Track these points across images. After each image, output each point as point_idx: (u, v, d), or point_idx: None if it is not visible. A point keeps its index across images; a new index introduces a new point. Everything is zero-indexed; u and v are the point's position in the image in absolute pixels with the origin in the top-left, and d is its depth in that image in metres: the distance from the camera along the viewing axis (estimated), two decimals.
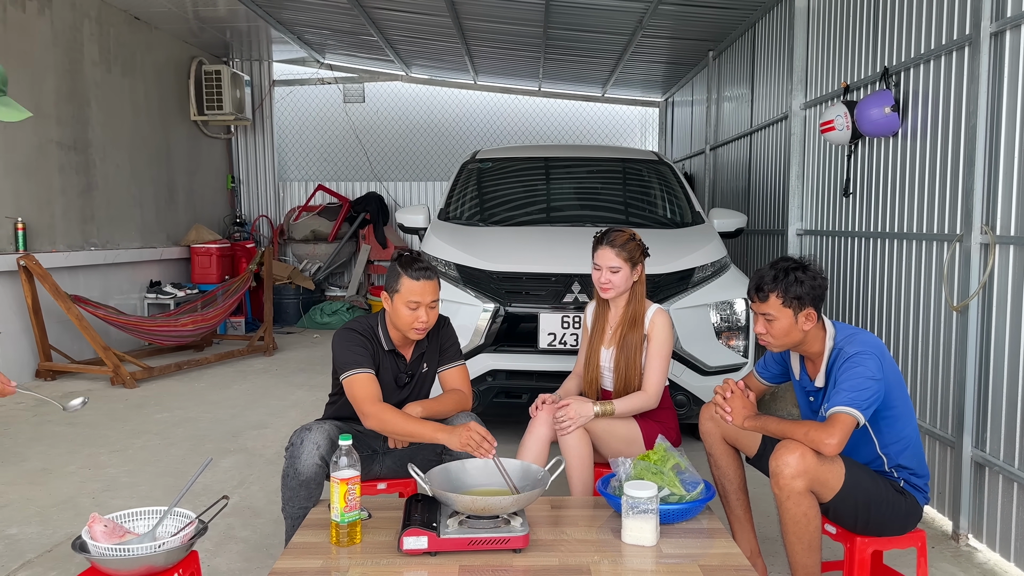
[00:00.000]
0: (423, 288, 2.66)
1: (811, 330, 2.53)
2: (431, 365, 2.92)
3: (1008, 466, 3.06)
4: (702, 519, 2.41)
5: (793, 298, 2.48)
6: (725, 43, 7.47)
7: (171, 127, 8.81)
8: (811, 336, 2.54)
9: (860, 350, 2.42)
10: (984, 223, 3.23)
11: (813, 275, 2.50)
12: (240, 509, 3.58)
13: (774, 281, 2.50)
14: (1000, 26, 3.10)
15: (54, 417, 5.22)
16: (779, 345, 2.57)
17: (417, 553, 2.11)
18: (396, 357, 2.82)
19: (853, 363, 2.39)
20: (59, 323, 6.44)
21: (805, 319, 2.50)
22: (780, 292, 2.48)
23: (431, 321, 2.71)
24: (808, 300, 2.48)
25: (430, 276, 2.68)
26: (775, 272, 2.51)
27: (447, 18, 7.44)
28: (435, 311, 2.73)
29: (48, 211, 6.67)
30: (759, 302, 2.53)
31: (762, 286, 2.52)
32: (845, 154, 4.56)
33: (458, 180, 5.56)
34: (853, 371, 2.38)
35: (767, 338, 2.57)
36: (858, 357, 2.40)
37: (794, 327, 2.51)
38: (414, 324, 2.68)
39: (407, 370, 2.85)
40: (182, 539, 2.10)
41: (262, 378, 6.56)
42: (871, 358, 2.39)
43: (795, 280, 2.48)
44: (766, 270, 2.55)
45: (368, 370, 2.68)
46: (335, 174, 11.09)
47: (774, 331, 2.53)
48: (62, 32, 6.86)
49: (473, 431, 2.44)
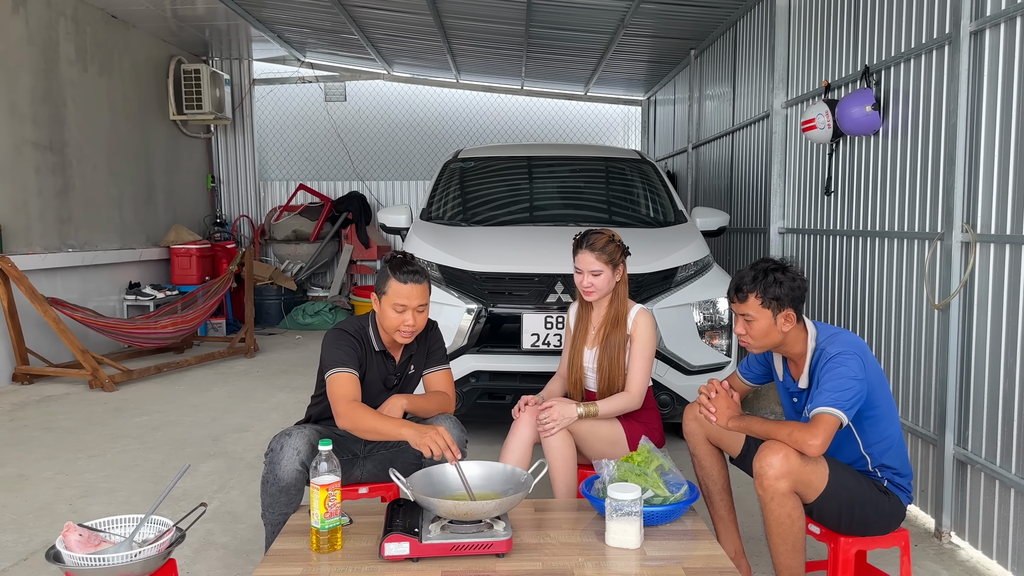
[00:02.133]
0: (410, 292, 2.64)
1: (791, 331, 2.53)
2: (418, 367, 2.91)
3: (990, 464, 3.08)
4: (686, 520, 2.41)
5: (772, 299, 2.48)
6: (707, 42, 7.49)
7: (150, 127, 8.71)
8: (791, 337, 2.54)
9: (842, 350, 2.42)
10: (965, 221, 3.24)
11: (792, 276, 2.50)
12: (220, 514, 3.53)
13: (753, 282, 2.50)
14: (980, 25, 3.11)
15: (31, 422, 5.14)
16: (759, 346, 2.57)
17: (399, 559, 2.08)
18: (386, 358, 2.81)
19: (835, 363, 2.39)
20: (36, 326, 6.35)
21: (784, 320, 2.50)
22: (759, 293, 2.49)
23: (419, 325, 2.70)
24: (787, 301, 2.48)
25: (419, 280, 2.66)
26: (754, 273, 2.52)
27: (428, 16, 7.40)
28: (424, 315, 2.71)
29: (24, 213, 6.58)
30: (738, 302, 2.54)
31: (741, 287, 2.52)
32: (826, 152, 4.57)
33: (440, 180, 5.53)
34: (835, 371, 2.38)
35: (747, 339, 2.56)
36: (840, 357, 2.40)
37: (773, 328, 2.51)
38: (400, 327, 2.66)
39: (396, 371, 2.84)
40: (159, 547, 2.06)
41: (243, 380, 6.50)
42: (853, 358, 2.39)
43: (774, 281, 2.48)
44: (746, 271, 2.55)
45: (351, 370, 2.65)
46: (317, 173, 11.02)
47: (753, 332, 2.53)
48: (37, 31, 6.76)
49: (441, 435, 2.39)
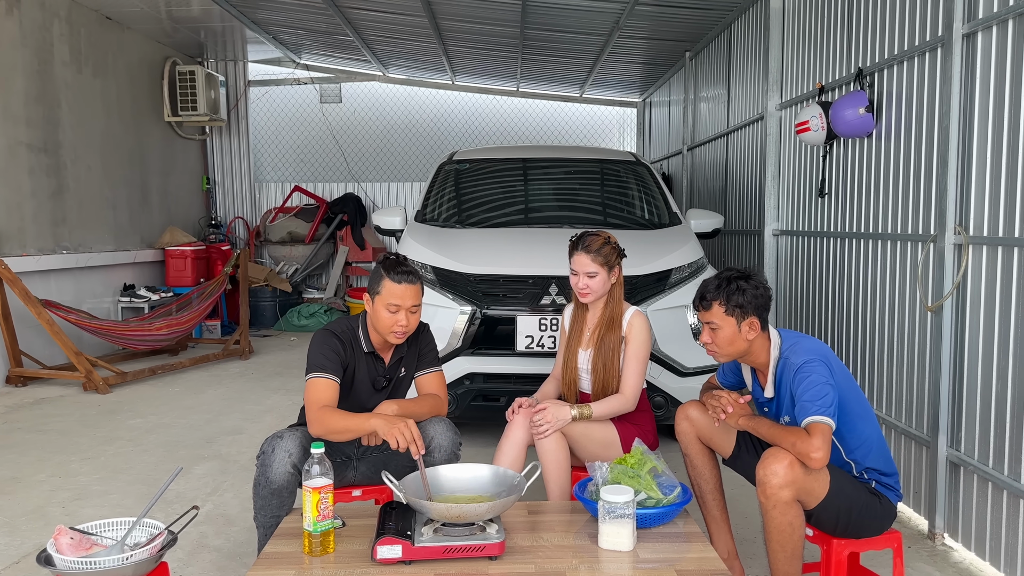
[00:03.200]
0: (404, 292, 2.64)
1: (756, 340, 2.55)
2: (409, 370, 2.90)
3: (983, 465, 3.08)
4: (679, 523, 2.41)
5: (735, 306, 2.50)
6: (702, 44, 7.50)
7: (144, 128, 8.70)
8: (757, 346, 2.57)
9: (807, 359, 2.44)
10: (958, 223, 3.25)
11: (756, 284, 2.54)
12: (213, 517, 3.52)
13: (716, 289, 2.54)
14: (972, 27, 3.12)
15: (24, 424, 5.13)
16: (725, 355, 2.59)
17: (391, 562, 2.08)
18: (375, 360, 2.80)
19: (804, 373, 2.41)
20: (30, 328, 6.33)
21: (748, 328, 2.52)
22: (722, 300, 2.52)
23: (411, 326, 2.69)
24: (751, 309, 2.51)
25: (412, 280, 2.66)
26: (718, 281, 2.56)
27: (423, 18, 7.40)
28: (416, 316, 2.71)
29: (18, 214, 6.56)
30: (703, 311, 2.57)
31: (705, 295, 2.57)
32: (820, 154, 4.58)
33: (435, 181, 5.53)
34: (807, 380, 2.39)
35: (712, 347, 2.59)
36: (806, 367, 2.42)
37: (738, 336, 2.53)
38: (393, 328, 2.66)
39: (385, 373, 2.83)
40: (151, 551, 2.06)
41: (238, 382, 6.48)
42: (819, 364, 2.42)
43: (737, 289, 2.51)
44: (711, 279, 2.60)
45: (330, 376, 2.65)
46: (312, 175, 11.01)
47: (718, 340, 2.56)
48: (31, 32, 6.74)
49: (409, 427, 2.43)
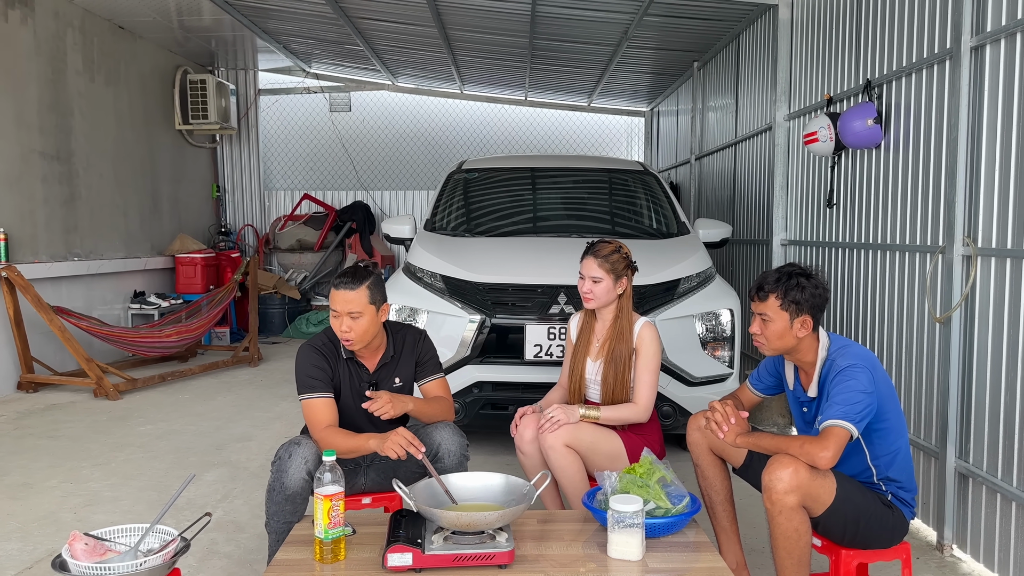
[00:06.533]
0: (340, 297, 2.66)
1: (806, 339, 2.55)
2: (405, 379, 2.89)
3: (991, 477, 3.08)
4: (688, 532, 2.41)
5: (791, 302, 2.50)
6: (710, 54, 7.52)
7: (156, 136, 8.77)
8: (805, 345, 2.56)
9: (852, 363, 2.44)
10: (966, 235, 3.25)
11: (816, 284, 2.53)
12: (224, 524, 3.54)
13: (776, 282, 2.53)
14: (980, 40, 3.14)
15: (36, 430, 5.16)
16: (771, 348, 2.58)
17: (402, 570, 2.09)
18: (356, 366, 2.81)
19: (845, 376, 2.41)
20: (41, 334, 6.38)
21: (800, 326, 2.51)
22: (780, 294, 2.51)
23: (355, 331, 2.66)
24: (806, 307, 2.50)
25: (350, 286, 2.66)
26: (779, 274, 2.55)
27: (433, 28, 7.44)
28: (358, 322, 2.66)
29: (31, 221, 6.62)
30: (758, 301, 2.56)
31: (763, 285, 2.55)
32: (828, 165, 4.59)
33: (444, 190, 5.55)
34: (845, 384, 2.39)
35: (761, 339, 2.58)
36: (850, 371, 2.42)
37: (788, 332, 2.52)
38: (339, 333, 2.69)
39: (370, 379, 2.82)
40: (164, 557, 2.08)
41: (247, 389, 6.51)
42: (863, 371, 2.41)
43: (796, 285, 2.51)
44: (771, 271, 2.59)
45: (323, 394, 2.69)
46: (321, 183, 11.06)
47: (768, 333, 2.55)
48: (45, 41, 6.82)
49: (400, 435, 2.46)
